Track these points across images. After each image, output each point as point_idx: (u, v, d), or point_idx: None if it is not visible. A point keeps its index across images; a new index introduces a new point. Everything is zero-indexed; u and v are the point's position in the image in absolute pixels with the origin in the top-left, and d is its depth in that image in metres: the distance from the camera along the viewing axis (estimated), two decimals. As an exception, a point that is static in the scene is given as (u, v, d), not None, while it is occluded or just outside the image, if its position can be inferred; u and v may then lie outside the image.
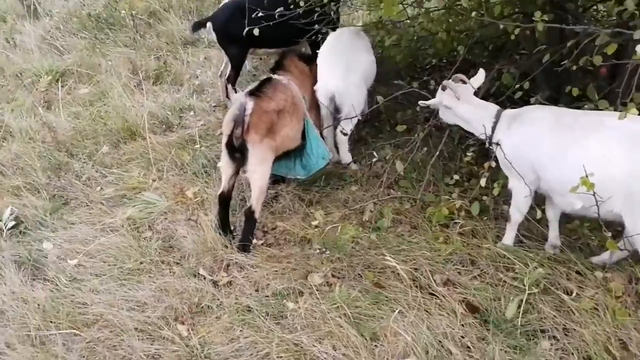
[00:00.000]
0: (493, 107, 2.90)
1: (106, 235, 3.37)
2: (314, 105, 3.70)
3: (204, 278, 2.97)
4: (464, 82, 2.95)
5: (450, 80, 2.94)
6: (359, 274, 2.88)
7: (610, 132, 2.38)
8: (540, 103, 3.30)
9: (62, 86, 5.49)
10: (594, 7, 3.94)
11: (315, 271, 2.92)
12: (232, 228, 3.33)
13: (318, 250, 3.07)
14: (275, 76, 3.46)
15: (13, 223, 3.52)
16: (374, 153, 3.56)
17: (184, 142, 4.41)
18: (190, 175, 3.92)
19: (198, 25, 4.71)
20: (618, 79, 2.67)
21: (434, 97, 3.05)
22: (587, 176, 2.16)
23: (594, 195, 2.27)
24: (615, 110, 2.56)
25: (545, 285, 2.59)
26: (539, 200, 2.91)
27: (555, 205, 2.78)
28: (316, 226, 3.22)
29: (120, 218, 3.49)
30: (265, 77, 3.50)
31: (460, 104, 2.89)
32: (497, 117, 2.82)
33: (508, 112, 2.84)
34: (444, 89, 2.94)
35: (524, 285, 2.54)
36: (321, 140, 3.48)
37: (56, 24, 6.99)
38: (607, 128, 2.40)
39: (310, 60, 3.84)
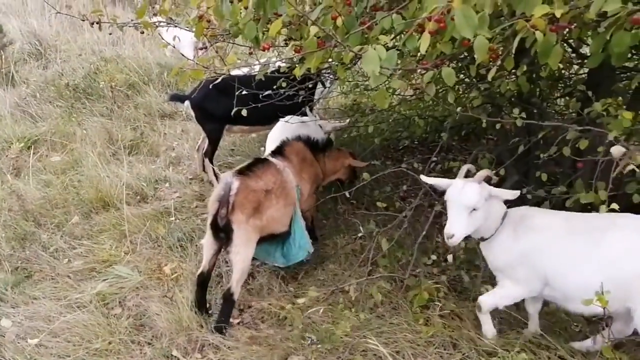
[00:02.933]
0: (503, 206, 2.71)
1: (72, 311, 3.18)
2: (310, 196, 3.70)
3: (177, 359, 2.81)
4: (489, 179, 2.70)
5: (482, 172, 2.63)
6: (340, 357, 2.80)
7: (626, 230, 2.40)
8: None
9: (33, 153, 5.40)
10: (555, 102, 4.30)
11: (295, 354, 2.82)
12: (208, 306, 3.22)
13: (312, 341, 2.95)
14: (271, 158, 3.49)
15: (-30, 297, 3.30)
16: (360, 228, 3.58)
17: (159, 214, 4.34)
18: (165, 248, 3.82)
19: (176, 97, 4.83)
20: (585, 168, 2.86)
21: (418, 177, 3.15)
22: (602, 292, 2.22)
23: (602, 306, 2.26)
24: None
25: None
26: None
27: (538, 301, 2.77)
28: (297, 307, 3.14)
29: (89, 293, 3.33)
30: (258, 157, 3.53)
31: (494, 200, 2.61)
32: (504, 217, 2.68)
33: (511, 213, 2.70)
34: (482, 181, 2.57)
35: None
36: (305, 233, 3.45)
37: (32, 92, 7.01)
38: (621, 227, 2.42)
39: (319, 148, 3.85)
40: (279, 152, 3.61)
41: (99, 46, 8.61)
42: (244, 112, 3.28)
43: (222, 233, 3.05)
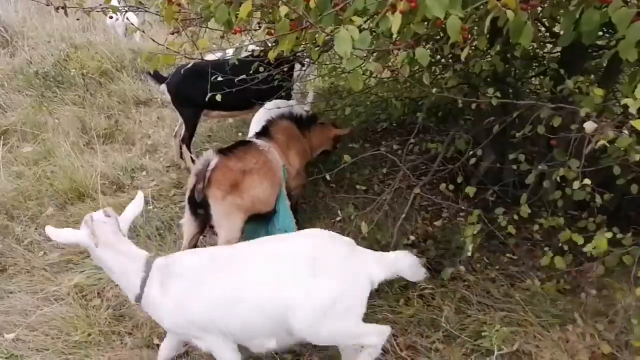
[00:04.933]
0: (142, 256, 2.32)
1: (49, 304, 3.13)
2: (300, 173, 3.69)
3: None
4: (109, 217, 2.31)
5: (95, 214, 2.30)
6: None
7: (280, 257, 2.27)
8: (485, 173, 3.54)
9: (3, 145, 5.24)
10: (530, 81, 4.33)
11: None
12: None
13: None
14: (254, 140, 3.47)
15: (-58, 293, 3.22)
16: (339, 212, 3.59)
17: (136, 203, 4.27)
18: (143, 238, 3.77)
19: (156, 76, 4.69)
20: (559, 146, 2.90)
21: (396, 159, 3.16)
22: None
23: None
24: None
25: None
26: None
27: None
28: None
29: (66, 285, 3.28)
30: (243, 139, 3.53)
31: (100, 247, 2.24)
32: (148, 269, 2.27)
33: (159, 262, 2.32)
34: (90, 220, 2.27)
35: (492, 346, 2.57)
36: (290, 213, 3.45)
37: (0, 81, 6.77)
38: (263, 255, 2.31)
39: (304, 123, 3.85)
40: (264, 132, 3.60)
41: (68, 32, 8.37)
42: (218, 97, 3.23)
43: (200, 209, 3.06)
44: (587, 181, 2.30)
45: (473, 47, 2.94)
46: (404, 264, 2.30)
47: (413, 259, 2.31)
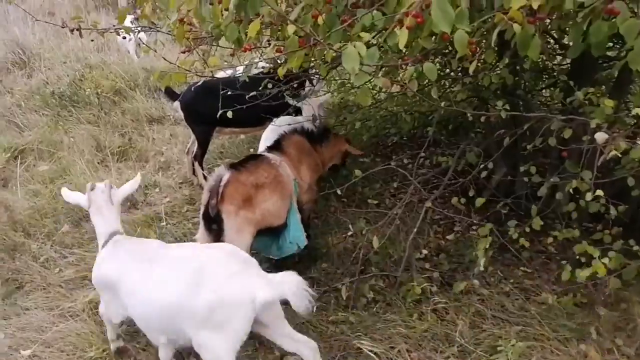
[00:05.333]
0: (114, 227, 2.73)
1: (65, 321, 3.16)
2: (311, 188, 3.70)
3: None
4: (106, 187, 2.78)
5: (97, 184, 2.79)
6: (334, 356, 2.80)
7: (175, 261, 2.46)
8: (500, 180, 3.52)
9: (20, 163, 5.35)
10: (540, 93, 4.32)
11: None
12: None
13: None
14: (266, 154, 3.51)
15: (-40, 311, 3.27)
16: (350, 227, 3.59)
17: (150, 219, 4.33)
18: (156, 254, 3.80)
19: (170, 93, 4.75)
20: (571, 157, 2.88)
21: (407, 173, 3.17)
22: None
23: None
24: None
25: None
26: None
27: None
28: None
29: (81, 302, 3.30)
30: (254, 153, 3.56)
31: (92, 209, 2.74)
32: (110, 237, 2.69)
33: (118, 237, 2.71)
34: (92, 188, 2.77)
35: (508, 360, 2.53)
36: (300, 226, 3.46)
37: (17, 101, 6.94)
38: (172, 258, 2.50)
39: (316, 138, 3.88)
40: (276, 146, 3.63)
41: (83, 53, 8.55)
42: (230, 114, 3.27)
43: (214, 225, 3.08)
44: (600, 192, 2.27)
45: (481, 61, 2.97)
46: (288, 287, 2.26)
47: (298, 283, 2.26)
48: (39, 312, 3.28)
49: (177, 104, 4.74)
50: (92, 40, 8.17)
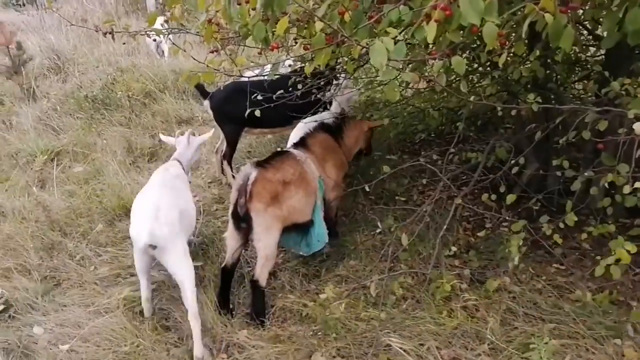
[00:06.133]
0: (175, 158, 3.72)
1: (100, 317, 3.25)
2: (338, 185, 3.71)
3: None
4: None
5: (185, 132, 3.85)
6: (364, 353, 2.80)
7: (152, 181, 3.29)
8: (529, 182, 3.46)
9: (57, 165, 5.53)
10: (572, 86, 4.21)
11: (319, 351, 2.83)
12: (231, 307, 3.26)
13: (316, 332, 3.00)
14: (291, 150, 3.54)
15: (2, 307, 3.39)
16: (379, 224, 3.57)
17: (180, 218, 4.39)
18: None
19: (201, 89, 4.81)
20: (607, 150, 2.80)
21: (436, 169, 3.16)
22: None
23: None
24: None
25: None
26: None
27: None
28: (319, 303, 3.15)
29: (116, 298, 3.39)
30: (279, 150, 3.57)
31: (177, 146, 3.83)
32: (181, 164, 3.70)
33: (164, 165, 3.64)
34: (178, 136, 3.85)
35: (541, 359, 2.48)
36: (323, 223, 3.48)
37: (53, 105, 7.17)
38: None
39: (340, 130, 3.89)
40: (301, 143, 3.66)
41: (115, 57, 8.77)
42: (257, 113, 3.30)
43: (243, 223, 3.12)
44: (638, 185, 2.20)
45: (511, 54, 2.91)
46: None
47: None
48: (76, 308, 3.39)
49: (206, 102, 4.81)
50: (124, 44, 8.38)
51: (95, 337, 3.08)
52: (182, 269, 2.93)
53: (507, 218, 3.42)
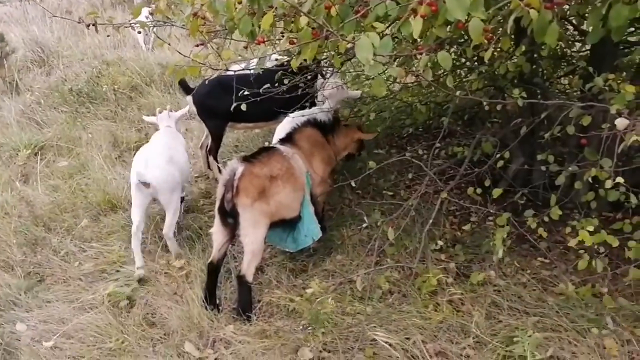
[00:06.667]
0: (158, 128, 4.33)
1: (85, 313, 3.22)
2: (324, 180, 3.69)
3: (189, 355, 2.84)
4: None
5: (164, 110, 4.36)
6: (351, 347, 2.81)
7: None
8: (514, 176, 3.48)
9: (40, 159, 5.45)
10: (558, 81, 4.24)
11: (306, 346, 2.84)
12: (217, 302, 3.24)
13: (304, 327, 3.00)
14: (278, 146, 3.51)
15: (-16, 304, 3.35)
16: (365, 218, 3.58)
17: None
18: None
19: (184, 85, 4.78)
20: (590, 145, 2.82)
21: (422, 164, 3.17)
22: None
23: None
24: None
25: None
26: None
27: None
28: (306, 298, 3.15)
29: (100, 294, 3.36)
30: (266, 146, 3.55)
31: (159, 124, 4.34)
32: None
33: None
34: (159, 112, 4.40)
35: (525, 352, 2.50)
36: (314, 219, 3.46)
37: (37, 99, 7.06)
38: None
39: (328, 129, 3.86)
40: (288, 139, 3.63)
41: (100, 50, 8.66)
42: (244, 107, 3.28)
43: (230, 218, 3.11)
44: (620, 180, 2.23)
45: (497, 49, 2.92)
46: None
47: None
48: (60, 304, 3.35)
49: (189, 98, 4.76)
50: (108, 36, 8.27)
51: (79, 334, 3.05)
52: (170, 203, 3.71)
53: (492, 212, 3.44)
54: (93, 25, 3.08)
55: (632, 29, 3.36)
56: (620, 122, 1.97)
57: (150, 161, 3.64)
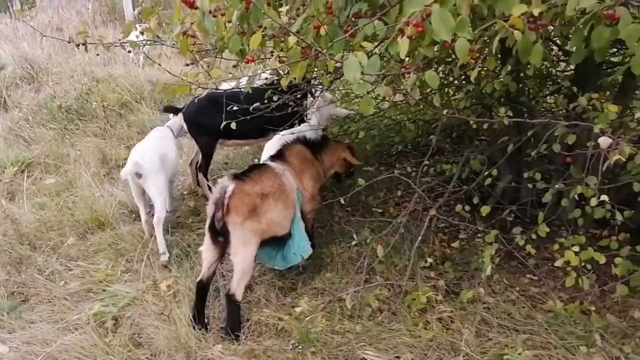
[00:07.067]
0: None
1: (69, 333, 3.15)
2: (314, 197, 3.69)
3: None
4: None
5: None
6: (340, 366, 2.78)
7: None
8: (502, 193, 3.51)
9: (27, 177, 5.39)
10: (544, 100, 4.31)
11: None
12: (206, 321, 3.20)
13: (293, 346, 2.96)
14: (269, 163, 3.51)
15: (-34, 324, 3.27)
16: (354, 236, 3.57)
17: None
18: (161, 266, 3.80)
19: (170, 109, 4.83)
20: (576, 163, 2.87)
21: (411, 181, 3.18)
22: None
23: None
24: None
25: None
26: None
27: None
28: (295, 317, 3.12)
29: (86, 314, 3.30)
30: (257, 163, 3.56)
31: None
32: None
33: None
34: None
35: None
36: (305, 236, 3.45)
37: (25, 115, 7.01)
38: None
39: (317, 147, 3.88)
40: (278, 156, 3.64)
41: (90, 67, 8.63)
42: (233, 126, 3.28)
43: (221, 237, 3.08)
44: (605, 198, 2.26)
45: (484, 68, 2.97)
46: None
47: None
48: (44, 325, 3.28)
49: (180, 115, 4.77)
50: (98, 55, 8.26)
51: (63, 355, 2.98)
52: (157, 195, 4.06)
53: (480, 229, 3.46)
54: (83, 44, 3.09)
55: (615, 49, 3.44)
56: (604, 141, 2.01)
57: (144, 156, 4.08)
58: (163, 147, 4.32)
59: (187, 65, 3.12)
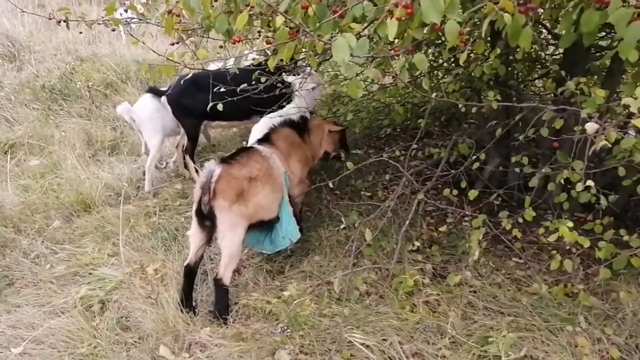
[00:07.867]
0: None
1: (56, 317, 3.13)
2: (302, 181, 3.68)
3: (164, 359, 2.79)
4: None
5: None
6: (328, 349, 2.80)
7: None
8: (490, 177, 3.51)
9: (11, 158, 5.29)
10: (533, 83, 4.31)
11: (283, 348, 2.82)
12: (194, 304, 3.20)
13: (281, 329, 2.98)
14: (256, 146, 3.47)
15: (-50, 308, 3.24)
16: (343, 219, 3.57)
17: (142, 214, 4.29)
18: (148, 248, 3.78)
19: (153, 91, 4.75)
20: (563, 148, 2.88)
21: (400, 165, 3.17)
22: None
23: None
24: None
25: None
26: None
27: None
28: (283, 300, 3.13)
29: (72, 298, 3.28)
30: (244, 146, 3.52)
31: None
32: None
33: None
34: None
35: (500, 352, 2.53)
36: (293, 220, 3.43)
37: (7, 95, 6.85)
38: None
39: (306, 129, 3.84)
40: (266, 139, 3.60)
41: (74, 45, 8.43)
42: (220, 107, 3.23)
43: (208, 221, 3.05)
44: (590, 182, 2.27)
45: (473, 51, 2.95)
46: None
47: None
48: (30, 308, 3.26)
49: (164, 98, 4.69)
50: (81, 33, 8.04)
51: (50, 339, 2.96)
52: (151, 139, 4.74)
53: (468, 213, 3.48)
54: (64, 21, 3.00)
55: (603, 33, 3.43)
56: (590, 127, 2.01)
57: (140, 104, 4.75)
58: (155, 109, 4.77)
59: (173, 44, 3.06)
